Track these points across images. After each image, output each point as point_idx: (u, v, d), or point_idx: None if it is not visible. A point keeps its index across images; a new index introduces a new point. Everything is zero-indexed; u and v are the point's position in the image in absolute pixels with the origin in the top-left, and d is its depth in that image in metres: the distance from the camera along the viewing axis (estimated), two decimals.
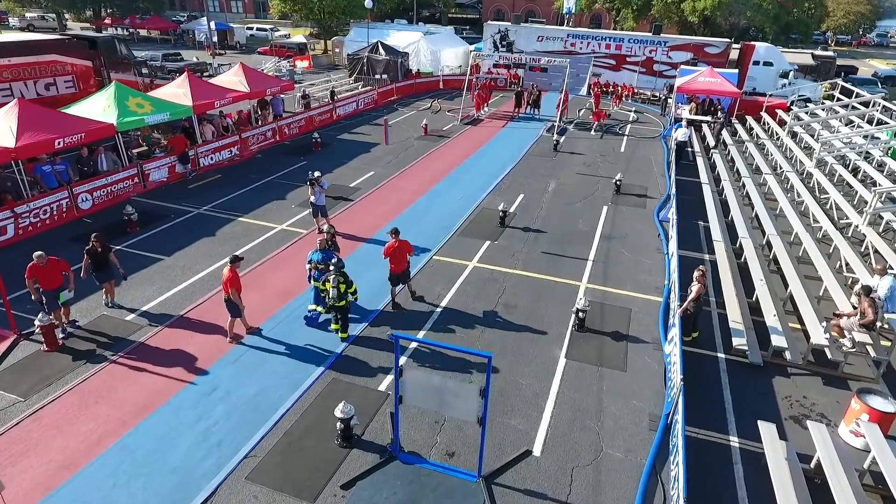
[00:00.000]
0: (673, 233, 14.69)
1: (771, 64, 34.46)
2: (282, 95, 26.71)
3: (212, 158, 20.38)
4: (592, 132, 27.60)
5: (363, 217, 16.67)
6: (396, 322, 11.68)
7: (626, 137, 27.17)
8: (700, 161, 22.32)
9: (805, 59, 37.52)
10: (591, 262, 14.46)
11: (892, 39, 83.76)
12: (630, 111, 32.94)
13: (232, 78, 22.86)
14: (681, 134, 22.62)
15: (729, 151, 23.63)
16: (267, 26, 65.89)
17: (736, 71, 32.73)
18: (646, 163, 23.24)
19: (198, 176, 19.48)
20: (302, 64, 43.67)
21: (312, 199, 15.16)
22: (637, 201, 18.88)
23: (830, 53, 39.69)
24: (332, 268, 10.43)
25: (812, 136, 24.15)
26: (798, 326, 11.96)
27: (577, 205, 18.36)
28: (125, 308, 11.72)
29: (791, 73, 34.16)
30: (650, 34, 37.00)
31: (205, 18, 56.28)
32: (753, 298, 12.61)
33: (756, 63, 34.76)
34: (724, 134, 25.47)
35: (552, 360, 10.64)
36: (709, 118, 27.92)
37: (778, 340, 10.55)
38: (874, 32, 79.78)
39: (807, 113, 25.70)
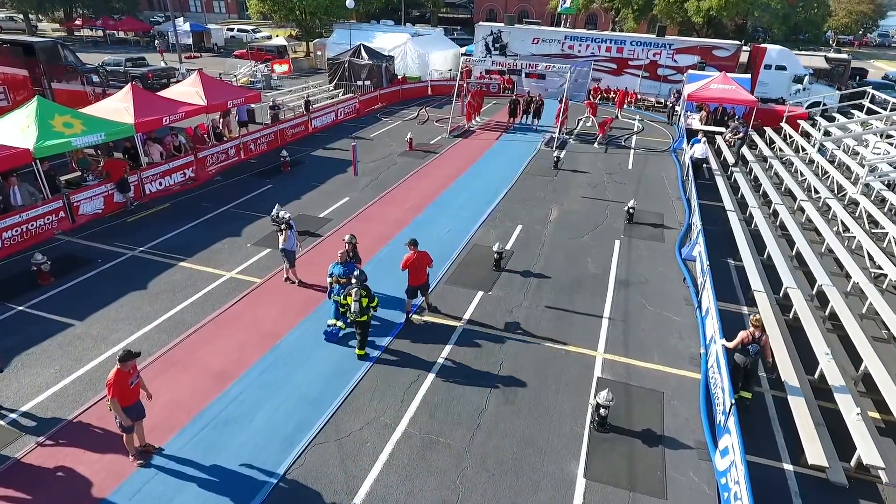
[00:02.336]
0: (705, 279, 12.05)
1: (784, 68, 31.95)
2: (252, 105, 24.01)
3: (160, 184, 17.55)
4: (596, 145, 24.96)
5: (331, 258, 13.85)
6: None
7: (632, 151, 24.56)
8: (720, 181, 19.73)
9: (818, 62, 35.05)
10: (608, 321, 11.78)
11: (893, 39, 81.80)
12: (634, 119, 30.38)
13: (187, 89, 20.01)
14: (699, 150, 20.01)
15: (752, 170, 21.03)
16: (248, 27, 62.82)
17: (748, 76, 30.23)
18: (657, 183, 20.61)
19: (141, 206, 16.65)
20: (281, 68, 40.89)
21: (284, 245, 12.28)
22: (653, 233, 16.24)
23: (844, 56, 37.29)
24: (354, 280, 9.80)
25: (839, 148, 21.62)
26: (878, 416, 9.37)
27: (584, 238, 15.69)
28: (4, 409, 8.90)
29: (806, 78, 31.68)
30: (654, 36, 34.44)
31: (181, 19, 53.36)
32: (816, 375, 10.02)
33: (768, 67, 32.24)
34: (743, 149, 22.89)
35: (567, 482, 7.94)
36: (722, 129, 25.36)
37: (868, 454, 7.91)
38: (875, 33, 77.80)
39: (839, 128, 23.10)
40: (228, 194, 17.88)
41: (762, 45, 34.17)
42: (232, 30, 61.11)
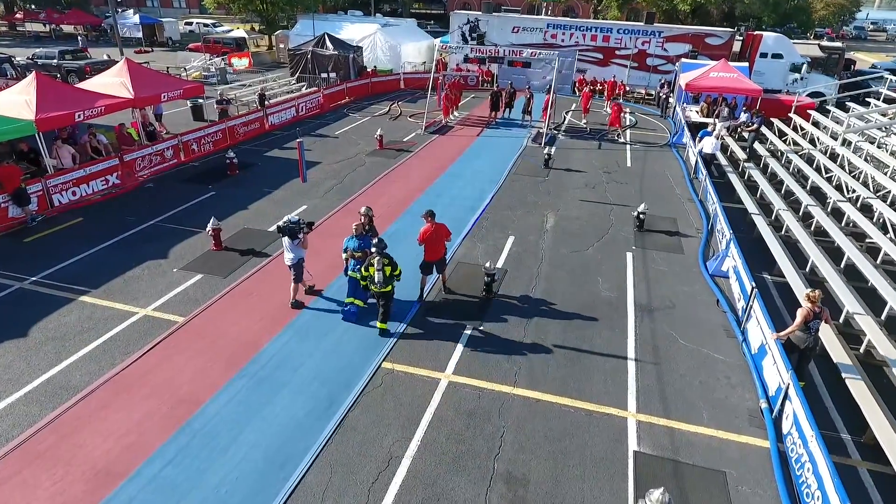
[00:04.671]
0: (751, 305, 9.52)
1: (781, 56, 29.93)
2: (199, 99, 20.93)
3: (73, 193, 14.41)
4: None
5: (279, 287, 10.98)
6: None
7: (628, 146, 22.10)
8: (734, 179, 17.32)
9: (813, 51, 33.19)
10: (635, 364, 9.14)
11: (868, 32, 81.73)
12: (626, 113, 27.95)
13: (111, 79, 16.86)
14: (709, 145, 17.62)
15: (766, 166, 18.69)
16: (209, 21, 59.03)
17: (746, 64, 28.08)
18: (662, 181, 18.16)
19: (47, 222, 13.50)
20: (240, 62, 37.57)
21: (290, 256, 9.87)
22: (669, 242, 13.71)
23: (839, 44, 35.61)
24: (374, 249, 8.99)
25: (864, 139, 19.47)
26: None
27: (589, 251, 13.08)
28: None
29: (804, 67, 29.70)
30: (642, 24, 32.15)
31: (130, 11, 49.54)
32: None
33: (764, 55, 30.18)
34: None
35: None
36: (712, 120, 23.01)
37: None
38: (851, 25, 77.41)
39: (857, 118, 20.97)
40: (160, 204, 14.81)
41: (757, 32, 32.13)
42: (190, 24, 57.34)
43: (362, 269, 9.18)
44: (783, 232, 13.94)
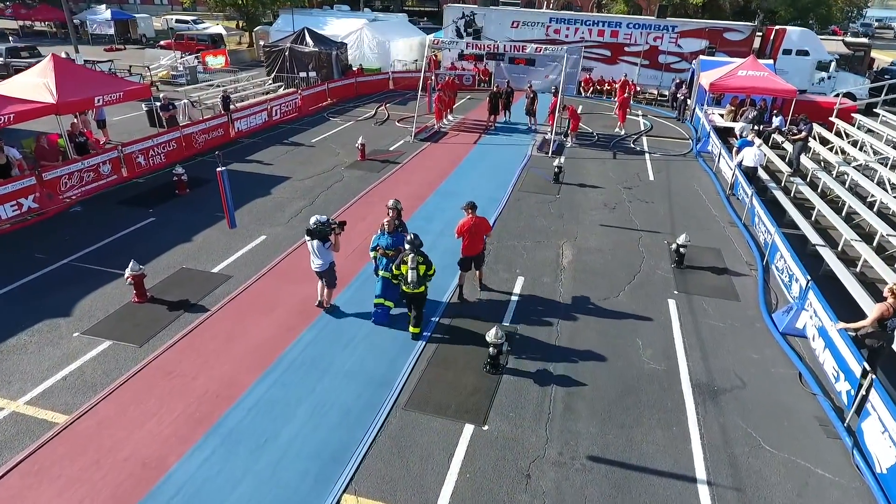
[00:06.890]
0: (873, 400, 6.75)
1: (807, 53, 27.30)
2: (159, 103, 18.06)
3: None
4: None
5: (210, 361, 8.13)
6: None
7: (648, 155, 19.33)
8: (780, 197, 14.56)
9: (837, 48, 30.60)
10: (708, 491, 6.31)
11: (876, 30, 79.40)
12: (638, 116, 25.22)
13: (32, 80, 13.88)
14: (750, 157, 14.85)
15: (817, 181, 15.90)
16: (188, 18, 55.86)
17: (772, 61, 25.37)
18: (694, 199, 15.40)
19: None
20: (216, 60, 34.54)
21: (319, 261, 8.81)
22: (718, 284, 10.92)
23: (865, 40, 33.02)
24: (408, 246, 8.20)
25: None
26: None
27: (620, 298, 10.28)
28: None
29: (832, 65, 27.05)
30: (653, 18, 29.42)
31: (102, 6, 46.43)
32: None
33: (787, 52, 27.52)
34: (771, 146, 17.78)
35: None
36: (747, 122, 20.25)
37: None
38: (858, 23, 74.91)
39: None
40: (83, 235, 11.90)
41: (779, 26, 29.46)
42: (168, 21, 54.13)
43: (394, 267, 8.43)
44: (858, 269, 11.20)
